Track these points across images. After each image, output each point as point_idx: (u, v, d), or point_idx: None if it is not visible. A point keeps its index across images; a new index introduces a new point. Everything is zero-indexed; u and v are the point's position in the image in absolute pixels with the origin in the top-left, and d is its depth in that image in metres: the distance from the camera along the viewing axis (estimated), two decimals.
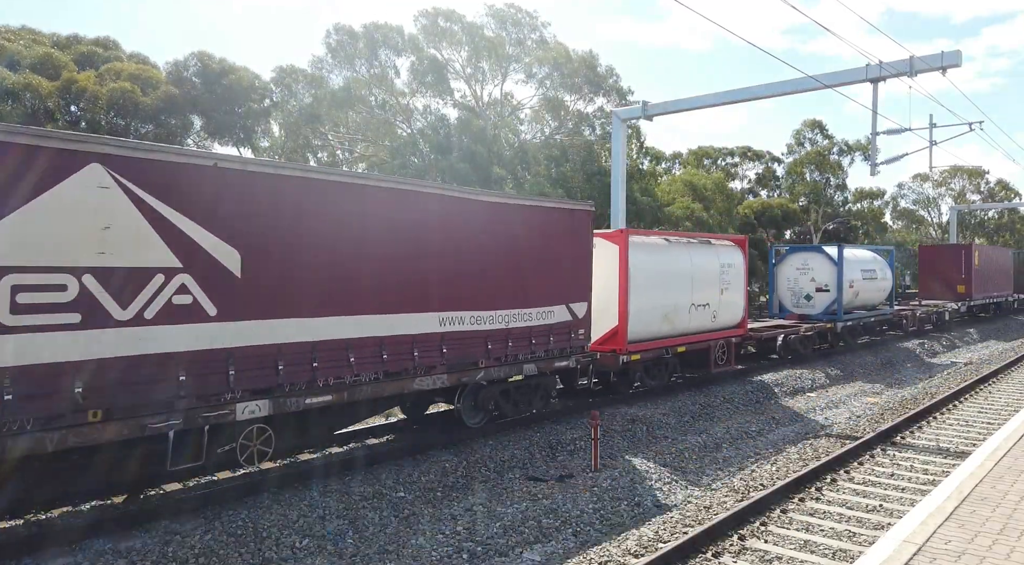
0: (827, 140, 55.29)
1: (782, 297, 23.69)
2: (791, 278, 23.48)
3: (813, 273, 23.09)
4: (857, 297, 24.26)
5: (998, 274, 38.25)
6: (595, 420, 10.99)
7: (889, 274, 27.10)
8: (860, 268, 24.42)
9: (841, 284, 22.51)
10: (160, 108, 26.88)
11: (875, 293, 26.06)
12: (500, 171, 28.92)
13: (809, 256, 23.64)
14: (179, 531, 7.67)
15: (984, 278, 35.33)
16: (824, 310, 22.79)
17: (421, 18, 32.26)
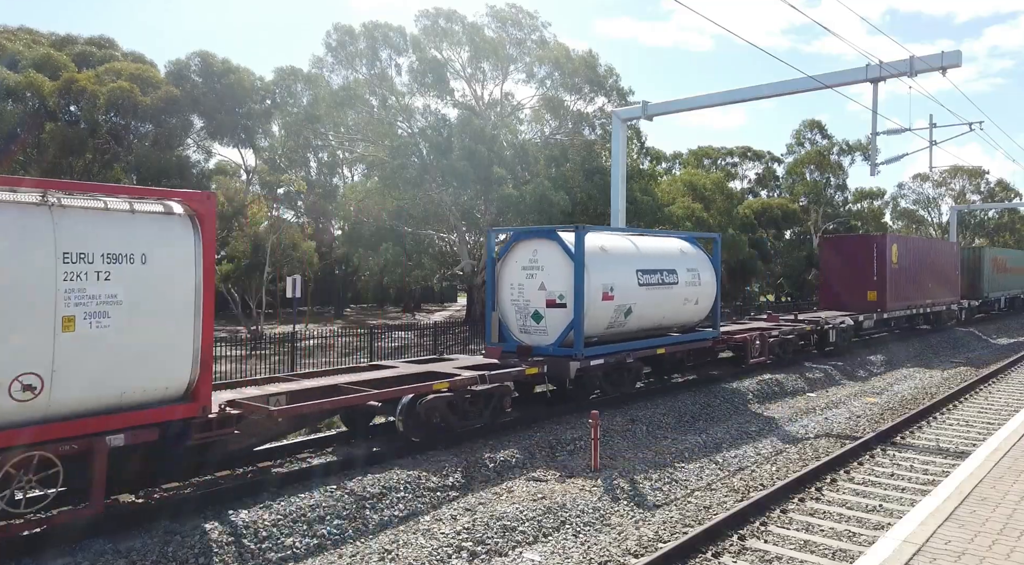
0: (827, 140, 55.32)
1: (505, 315, 14.42)
2: (515, 283, 14.29)
3: (544, 274, 13.90)
4: (630, 316, 14.77)
5: (933, 276, 29.58)
6: (595, 420, 10.99)
7: (710, 276, 17.19)
8: (637, 267, 14.94)
9: (580, 294, 13.38)
10: (160, 108, 26.89)
11: (677, 308, 16.13)
12: (500, 171, 28.91)
13: (540, 245, 14.09)
14: (179, 531, 7.67)
15: (907, 281, 27.19)
16: (560, 339, 13.67)
17: (422, 18, 32.26)
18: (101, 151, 28.16)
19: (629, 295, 14.55)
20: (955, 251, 33.06)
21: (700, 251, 17.60)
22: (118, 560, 7.07)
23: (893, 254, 26.19)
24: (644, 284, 14.91)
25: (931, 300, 29.53)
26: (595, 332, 14.05)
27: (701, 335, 17.20)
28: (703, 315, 17.37)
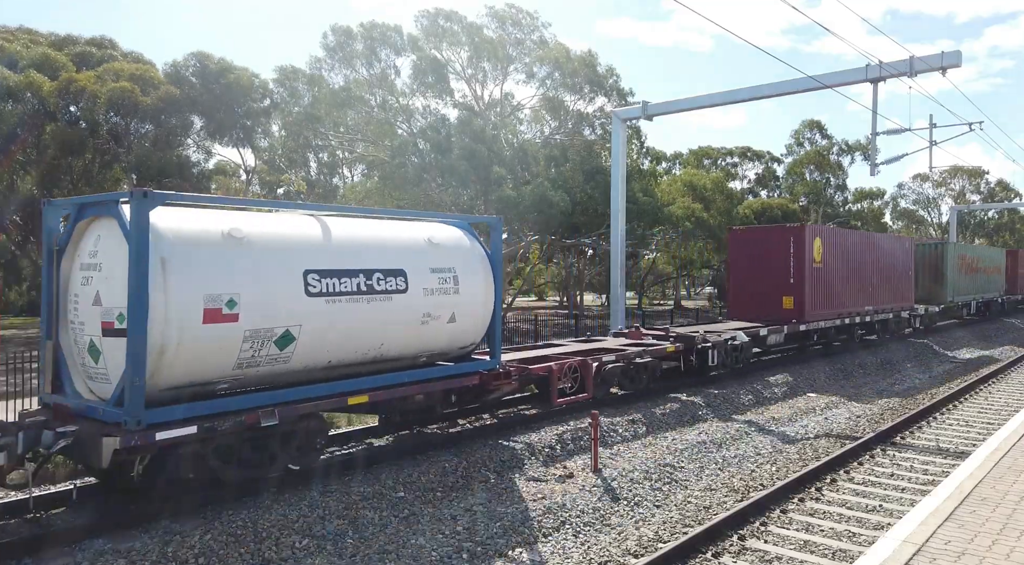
0: (826, 140, 55.37)
1: (67, 349, 8.51)
2: (73, 295, 8.42)
3: (101, 279, 8.11)
4: (292, 346, 8.62)
5: (878, 278, 24.40)
6: (595, 420, 10.99)
7: (483, 279, 11.31)
8: (309, 267, 8.87)
9: (143, 310, 7.43)
10: (160, 108, 26.89)
11: (410, 329, 10.12)
12: (500, 171, 28.92)
13: (102, 229, 8.37)
14: (179, 531, 7.67)
15: (838, 284, 21.98)
16: (120, 391, 7.63)
17: (422, 18, 32.27)
18: (101, 151, 28.16)
19: (284, 312, 8.53)
20: (907, 248, 27.32)
21: (470, 243, 11.50)
22: (118, 560, 7.07)
23: (816, 250, 20.58)
24: (323, 293, 8.94)
25: (873, 306, 24.00)
26: (211, 375, 8.15)
27: (458, 369, 11.28)
28: (472, 337, 11.55)
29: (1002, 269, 39.68)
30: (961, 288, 32.13)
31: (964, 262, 32.63)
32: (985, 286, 36.19)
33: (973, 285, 34.06)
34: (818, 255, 20.91)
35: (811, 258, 20.54)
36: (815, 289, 20.72)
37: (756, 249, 21.15)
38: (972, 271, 33.74)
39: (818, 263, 20.88)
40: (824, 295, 21.23)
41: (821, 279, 21.05)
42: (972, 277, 33.71)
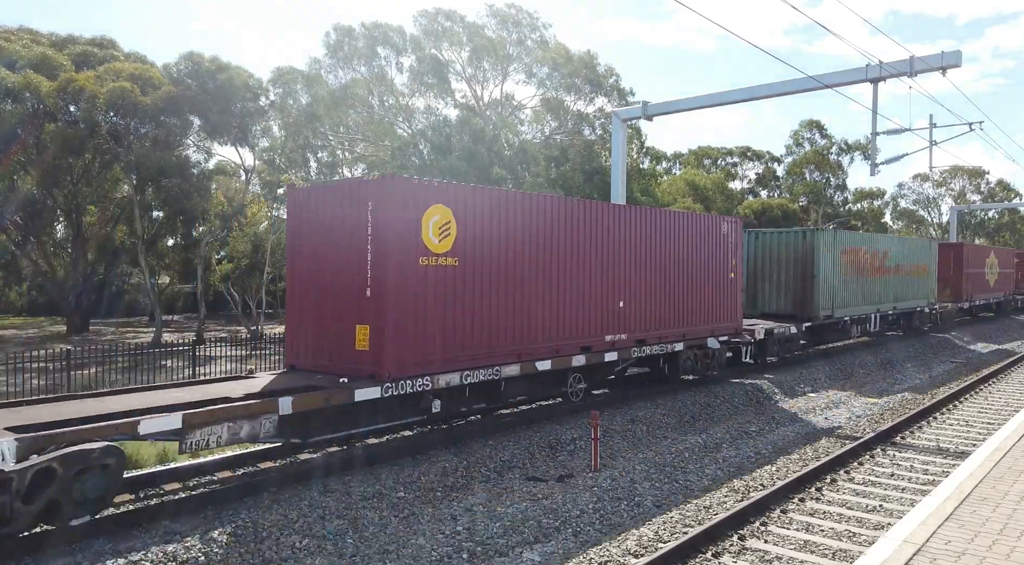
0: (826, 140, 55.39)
1: None
2: None
3: None
4: None
5: (635, 285, 14.08)
6: (595, 420, 10.98)
7: None
8: None
9: None
10: (160, 108, 26.86)
11: None
12: (500, 171, 28.93)
13: None
14: (179, 531, 7.66)
15: (510, 299, 11.57)
16: None
17: (421, 18, 32.29)
18: (101, 151, 28.16)
19: None
20: (730, 236, 16.82)
21: None
22: (118, 560, 7.07)
23: (432, 229, 10.31)
24: None
25: (613, 337, 13.48)
26: None
27: None
28: None
29: (930, 269, 28.89)
30: (851, 296, 22.40)
31: (854, 259, 22.70)
32: (903, 292, 26.44)
33: (876, 291, 24.27)
34: (448, 241, 10.42)
35: (423, 247, 10.14)
36: (421, 312, 10.14)
37: (324, 234, 10.71)
38: (876, 272, 24.14)
39: (448, 263, 10.46)
40: (461, 323, 10.67)
41: (447, 290, 10.48)
42: (874, 281, 24.04)
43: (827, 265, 20.98)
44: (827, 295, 21.06)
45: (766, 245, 21.52)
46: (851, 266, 22.43)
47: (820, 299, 20.76)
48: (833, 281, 21.30)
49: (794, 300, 20.98)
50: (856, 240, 23.52)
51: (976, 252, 35.80)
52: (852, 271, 22.49)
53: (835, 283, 21.43)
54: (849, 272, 22.29)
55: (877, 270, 24.29)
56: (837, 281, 21.52)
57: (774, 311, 21.08)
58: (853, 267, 22.56)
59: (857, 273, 22.87)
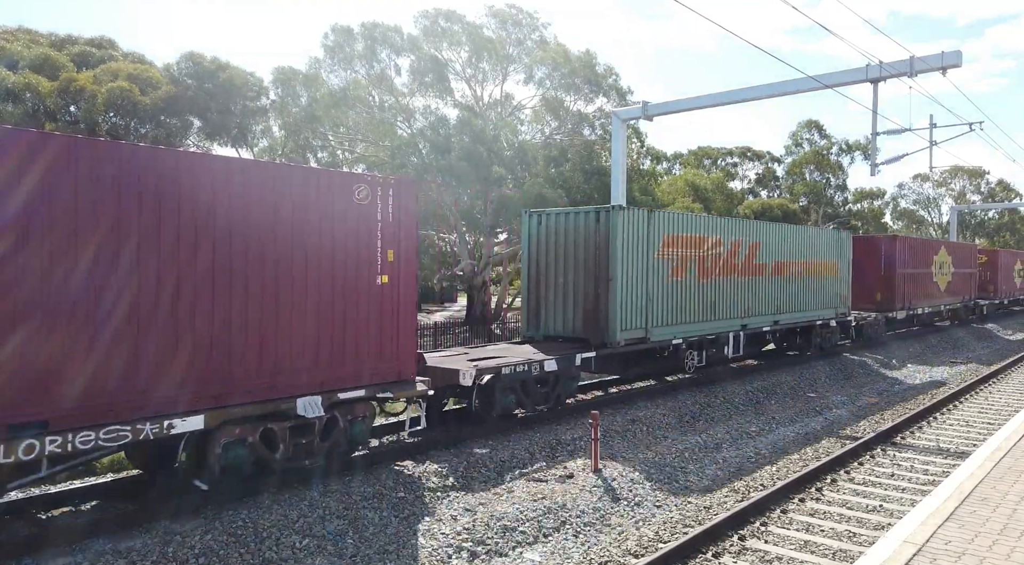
0: (825, 140, 55.40)
1: None
2: None
3: None
4: None
5: None
6: (595, 420, 10.98)
7: None
8: None
9: None
10: (160, 108, 26.85)
11: None
12: (500, 171, 28.93)
13: None
14: (179, 531, 7.66)
15: None
16: None
17: (421, 18, 32.28)
18: None
19: None
20: (338, 192, 9.26)
21: None
22: (118, 560, 7.06)
23: None
24: None
25: None
26: None
27: None
28: None
29: (839, 268, 22.05)
30: (684, 308, 15.68)
31: (691, 254, 15.80)
32: (793, 299, 19.53)
33: (739, 300, 17.37)
34: None
35: None
36: None
37: None
38: (735, 272, 17.16)
39: None
40: None
41: None
42: (733, 285, 17.12)
43: (635, 262, 14.27)
44: (633, 307, 14.24)
45: (553, 233, 14.67)
46: (685, 264, 15.52)
47: (618, 314, 13.83)
48: (647, 286, 14.52)
49: (585, 316, 14.22)
50: (692, 225, 15.83)
51: (917, 248, 28.71)
52: (687, 271, 15.62)
53: (651, 289, 14.60)
54: (681, 273, 15.46)
55: (738, 270, 17.16)
56: (656, 286, 14.72)
57: (560, 333, 14.58)
58: (689, 265, 15.66)
59: (699, 274, 15.98)
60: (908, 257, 27.23)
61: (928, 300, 29.14)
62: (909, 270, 27.19)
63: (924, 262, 28.87)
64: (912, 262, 27.58)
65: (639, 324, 14.44)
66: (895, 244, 26.67)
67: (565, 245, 14.51)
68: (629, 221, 14.16)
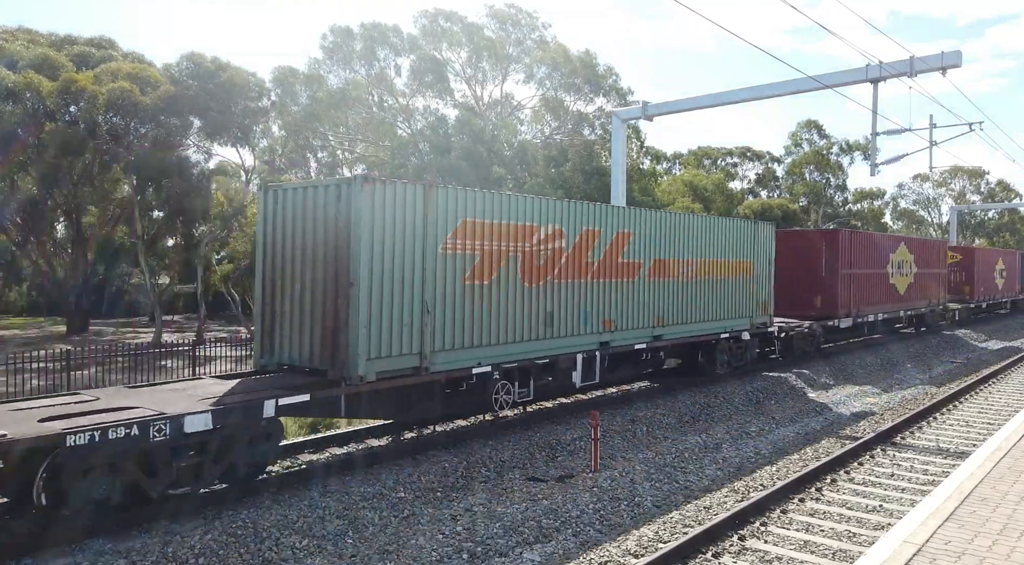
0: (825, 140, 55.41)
1: None
2: None
3: None
4: None
5: None
6: (595, 420, 10.98)
7: None
8: None
9: None
10: (160, 108, 26.84)
11: None
12: (500, 171, 28.94)
13: None
14: (179, 531, 7.66)
15: None
16: None
17: (421, 18, 32.31)
18: (101, 151, 28.14)
19: None
20: None
21: None
22: (118, 560, 7.06)
23: None
24: None
25: None
26: None
27: None
28: None
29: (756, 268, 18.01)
30: (501, 324, 11.57)
31: (504, 248, 11.57)
32: (684, 308, 15.52)
33: (606, 308, 13.55)
34: None
35: None
36: None
37: None
38: (609, 274, 13.66)
39: None
40: None
41: None
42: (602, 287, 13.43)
43: (398, 260, 10.05)
44: (392, 324, 9.97)
45: (291, 218, 10.58)
46: (496, 262, 11.36)
47: (361, 333, 9.55)
48: (423, 294, 10.34)
49: (323, 338, 10.02)
50: (509, 210, 11.60)
51: (868, 244, 23.96)
52: (501, 272, 11.46)
53: (433, 297, 10.47)
54: (489, 274, 11.26)
55: (594, 270, 13.22)
56: (442, 293, 10.60)
57: (296, 360, 10.42)
58: (506, 264, 11.52)
59: (524, 276, 11.83)
60: (856, 255, 22.75)
61: (882, 305, 24.51)
62: (858, 270, 22.87)
63: (877, 261, 24.26)
64: (862, 261, 23.13)
65: (408, 348, 10.11)
66: (837, 239, 22.18)
67: (304, 235, 10.30)
68: (386, 200, 9.80)
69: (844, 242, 22.38)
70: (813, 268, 21.88)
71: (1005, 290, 39.56)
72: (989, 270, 36.98)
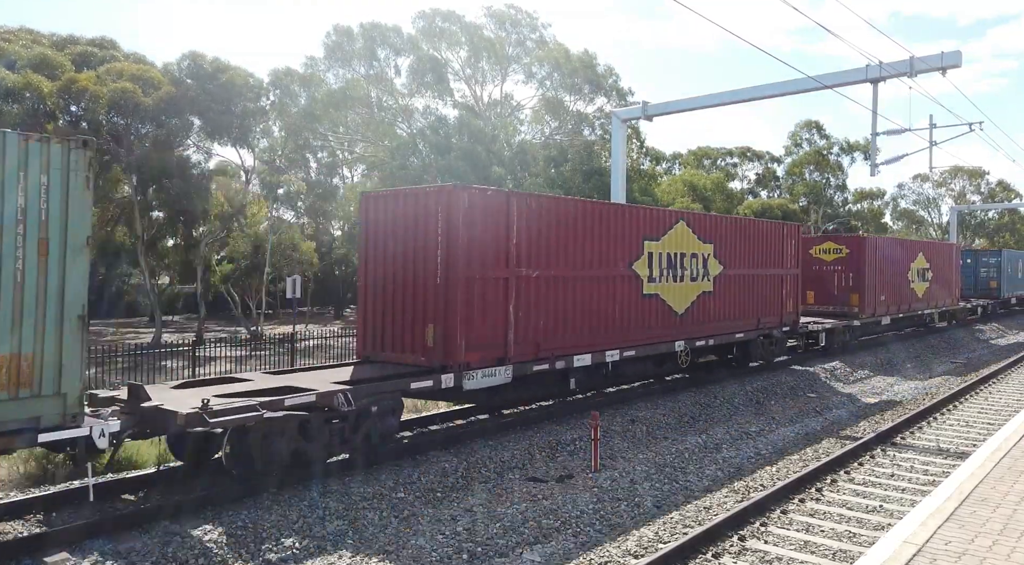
0: (825, 140, 55.42)
1: None
2: None
3: None
4: None
5: None
6: (595, 420, 10.98)
7: None
8: None
9: None
10: (161, 108, 26.86)
11: None
12: (499, 171, 28.94)
13: None
14: (179, 531, 7.66)
15: None
16: None
17: (419, 19, 32.31)
18: (101, 152, 28.14)
19: None
20: None
21: None
22: (118, 560, 7.06)
23: None
24: None
25: None
26: None
27: None
28: None
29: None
30: None
31: None
32: None
33: None
34: None
35: None
36: None
37: None
38: None
39: None
40: None
41: None
42: None
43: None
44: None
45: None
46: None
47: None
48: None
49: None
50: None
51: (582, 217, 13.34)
52: None
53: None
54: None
55: None
56: None
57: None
58: None
59: None
60: None
61: (641, 333, 14.24)
62: None
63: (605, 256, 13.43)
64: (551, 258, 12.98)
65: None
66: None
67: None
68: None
69: None
70: None
71: (928, 298, 27.58)
72: (896, 270, 25.01)
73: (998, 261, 37.29)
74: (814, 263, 23.13)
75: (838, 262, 23.15)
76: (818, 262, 23.26)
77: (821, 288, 23.01)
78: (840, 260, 23.12)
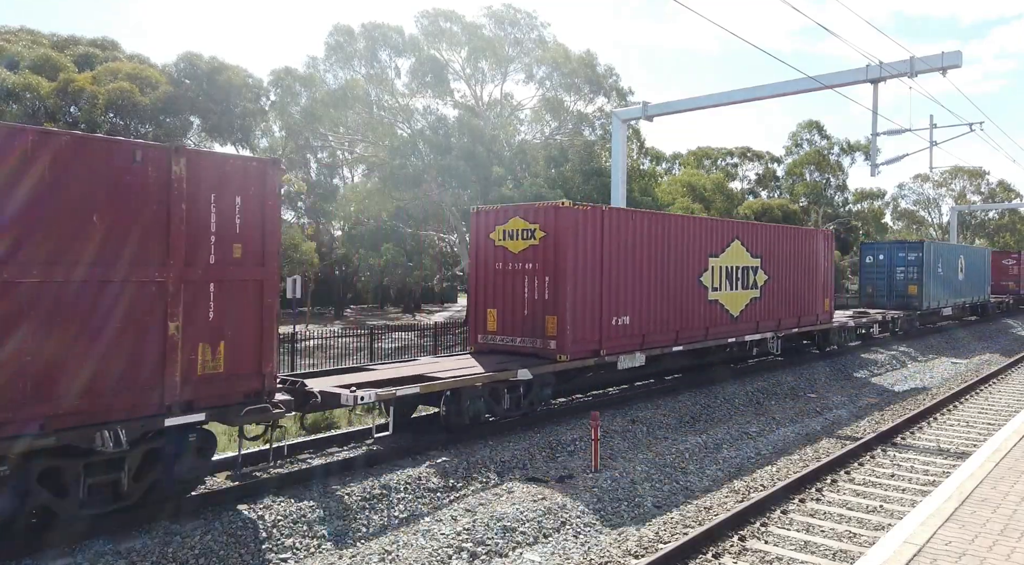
0: (825, 140, 55.42)
1: None
2: None
3: None
4: None
5: None
6: (595, 421, 10.97)
7: None
8: None
9: None
10: (159, 108, 26.86)
11: None
12: (499, 171, 28.94)
13: None
14: (179, 531, 7.66)
15: None
16: None
17: (422, 19, 32.29)
18: None
19: None
20: None
21: None
22: (118, 560, 7.06)
23: None
24: None
25: None
26: None
27: None
28: None
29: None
30: None
31: None
32: None
33: None
34: None
35: None
36: None
37: None
38: None
39: None
40: None
41: None
42: None
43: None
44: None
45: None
46: None
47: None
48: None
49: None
50: None
51: None
52: None
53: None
54: None
55: None
56: None
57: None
58: None
59: None
60: None
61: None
62: None
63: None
64: None
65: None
66: None
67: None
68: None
69: None
70: None
71: (757, 316, 17.96)
72: (669, 268, 14.99)
73: (919, 257, 27.71)
74: (496, 258, 13.53)
75: (528, 254, 13.09)
76: (502, 254, 13.45)
77: (506, 304, 13.37)
78: (532, 251, 13.02)
